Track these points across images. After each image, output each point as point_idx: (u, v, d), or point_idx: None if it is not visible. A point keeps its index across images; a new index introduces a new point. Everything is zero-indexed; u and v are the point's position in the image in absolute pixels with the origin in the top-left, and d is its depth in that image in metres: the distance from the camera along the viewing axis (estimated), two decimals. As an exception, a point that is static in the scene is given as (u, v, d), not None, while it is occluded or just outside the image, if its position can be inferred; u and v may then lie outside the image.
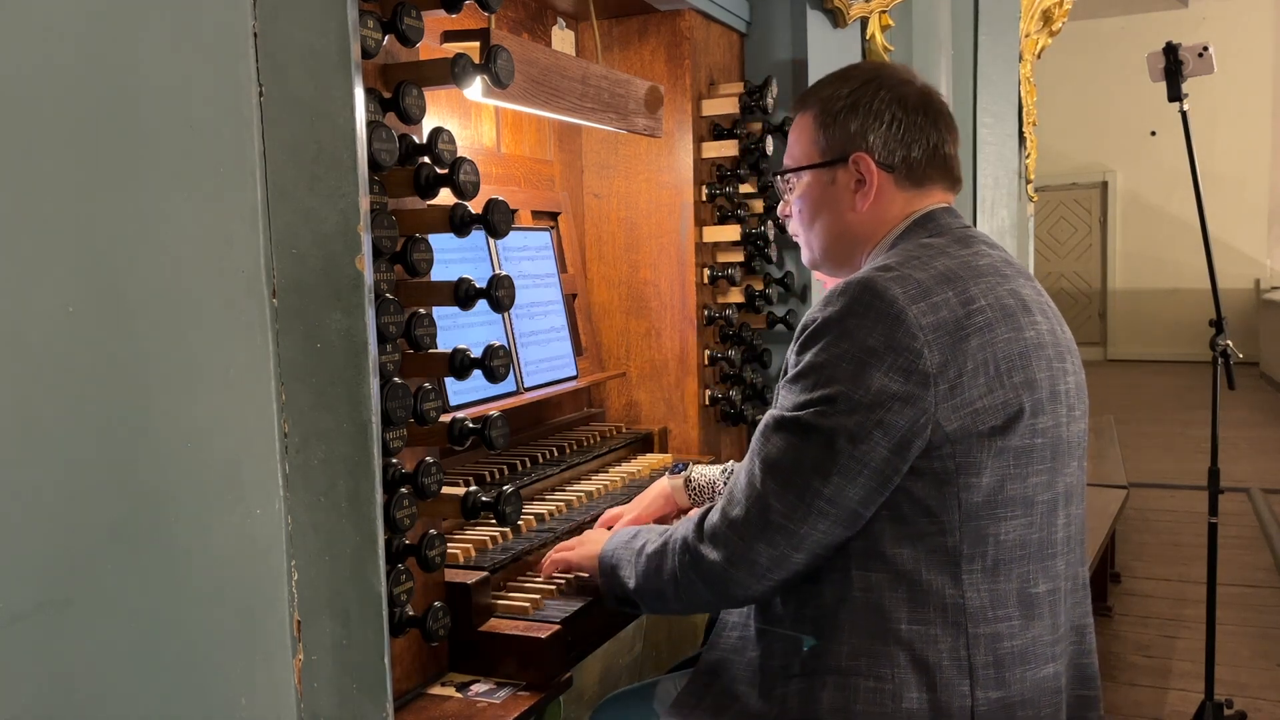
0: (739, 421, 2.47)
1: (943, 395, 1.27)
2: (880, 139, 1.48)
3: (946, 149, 1.51)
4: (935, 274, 1.34)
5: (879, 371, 1.27)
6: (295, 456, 1.09)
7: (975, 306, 1.32)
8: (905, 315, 1.28)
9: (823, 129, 1.52)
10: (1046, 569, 1.36)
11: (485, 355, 1.36)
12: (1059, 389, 1.37)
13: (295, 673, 1.11)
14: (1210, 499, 3.07)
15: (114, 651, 0.93)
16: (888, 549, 1.31)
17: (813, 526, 1.31)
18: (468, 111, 2.03)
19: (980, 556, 1.31)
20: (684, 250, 2.37)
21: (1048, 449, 1.35)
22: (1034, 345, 1.35)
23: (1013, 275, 1.41)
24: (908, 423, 1.27)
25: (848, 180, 1.51)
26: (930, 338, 1.28)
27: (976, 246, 1.43)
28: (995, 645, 1.31)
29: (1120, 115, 11.55)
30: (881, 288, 1.30)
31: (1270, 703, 3.39)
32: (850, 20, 2.70)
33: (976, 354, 1.29)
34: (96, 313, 0.90)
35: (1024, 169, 4.71)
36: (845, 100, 1.50)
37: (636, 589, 1.49)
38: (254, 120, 1.06)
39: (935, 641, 1.30)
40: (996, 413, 1.29)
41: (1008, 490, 1.31)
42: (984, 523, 1.30)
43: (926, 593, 1.30)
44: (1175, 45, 2.96)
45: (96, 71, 0.91)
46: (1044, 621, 1.35)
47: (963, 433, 1.28)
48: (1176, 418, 8.19)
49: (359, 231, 1.06)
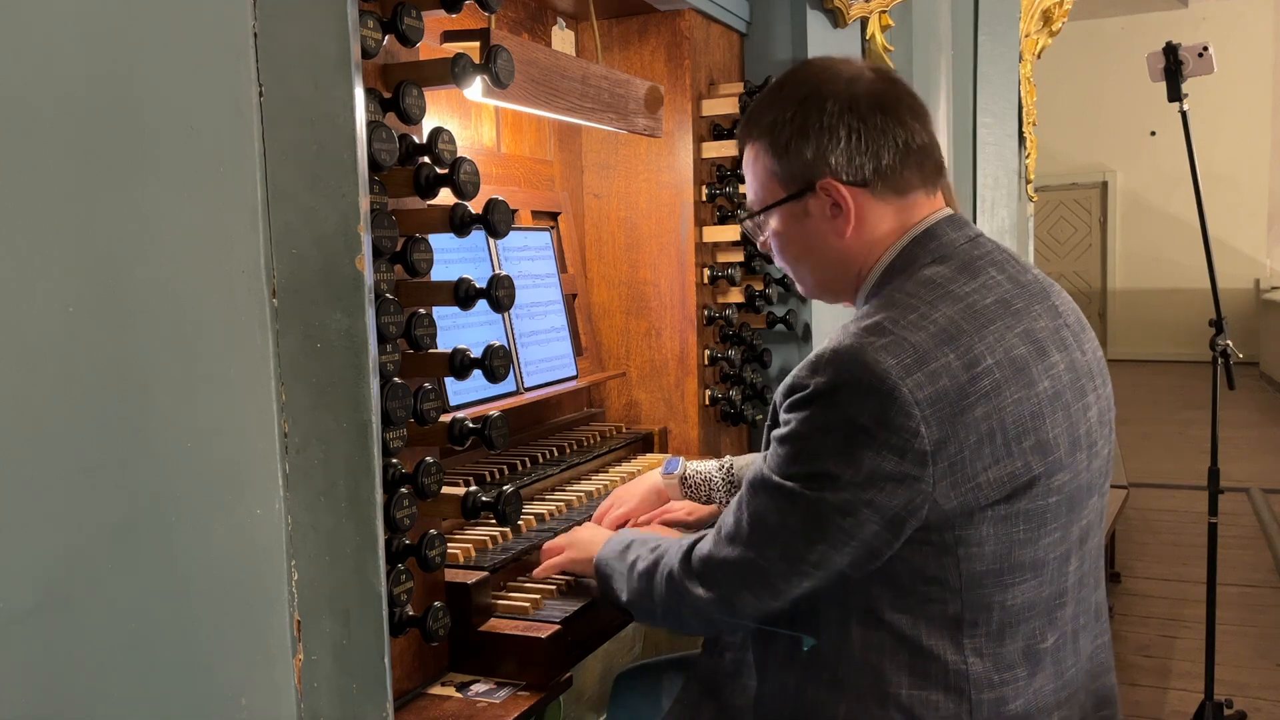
0: (739, 421, 2.47)
1: (941, 473, 1.18)
2: (843, 157, 1.33)
3: (917, 140, 1.35)
4: (934, 332, 1.21)
5: (870, 450, 1.18)
6: (295, 456, 1.09)
7: (981, 369, 1.20)
8: (898, 391, 1.17)
9: (777, 160, 1.37)
10: (1054, 620, 1.29)
11: (485, 355, 1.36)
12: (1079, 434, 1.27)
13: (295, 673, 1.10)
14: (1210, 499, 3.07)
15: (114, 651, 0.93)
16: (886, 614, 1.25)
17: (796, 585, 1.26)
18: (468, 111, 2.03)
19: (984, 623, 1.24)
20: (684, 250, 2.37)
21: (1064, 504, 1.26)
22: (1049, 398, 1.24)
23: (1024, 308, 1.28)
24: (901, 503, 1.19)
25: (821, 208, 1.36)
26: (928, 413, 1.17)
27: (984, 275, 1.29)
28: (999, 709, 1.25)
29: (1120, 115, 11.54)
30: (872, 360, 1.18)
31: (1270, 703, 3.39)
32: (850, 20, 2.70)
33: (981, 424, 1.19)
34: (96, 313, 0.90)
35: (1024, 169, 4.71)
36: (792, 125, 1.35)
37: (629, 603, 1.47)
38: (254, 120, 1.06)
39: (936, 708, 1.24)
40: (1003, 485, 1.20)
41: (1016, 556, 1.23)
42: (988, 591, 1.23)
43: (928, 658, 1.24)
44: (1175, 45, 2.96)
45: (97, 71, 0.91)
46: (1047, 672, 1.29)
47: (963, 509, 1.20)
48: (1176, 418, 8.18)
49: (359, 231, 1.06)
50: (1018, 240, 4.40)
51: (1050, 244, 12.30)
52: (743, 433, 2.64)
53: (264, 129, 1.06)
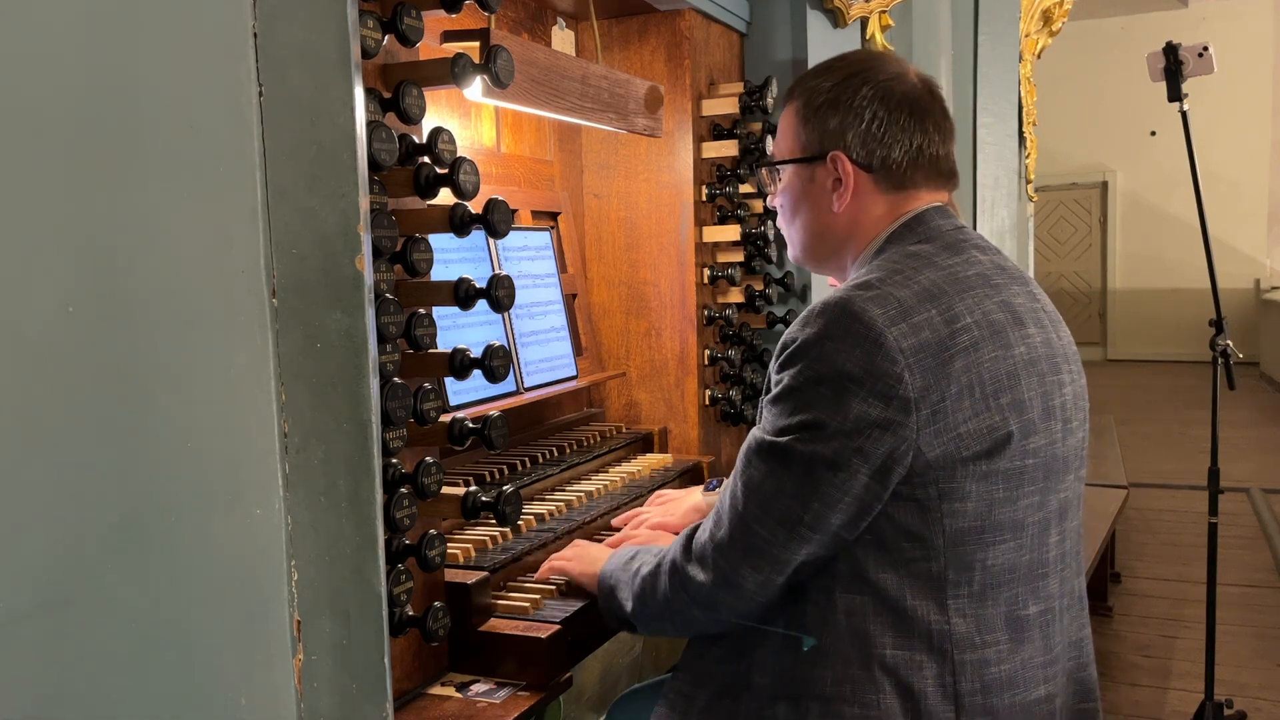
0: (739, 421, 2.47)
1: (924, 420, 1.23)
2: (859, 138, 1.42)
3: (933, 149, 1.44)
4: (918, 290, 1.29)
5: (857, 398, 1.23)
6: (295, 456, 1.09)
7: (960, 325, 1.27)
8: (884, 339, 1.23)
9: (804, 123, 1.47)
10: (1037, 590, 1.33)
11: (485, 355, 1.36)
12: (1053, 404, 1.33)
13: (295, 673, 1.10)
14: (1210, 499, 3.07)
15: (114, 651, 0.93)
16: (871, 574, 1.28)
17: (795, 552, 1.28)
18: (468, 111, 2.03)
19: (966, 583, 1.27)
20: (684, 250, 2.37)
21: (1040, 469, 1.31)
22: (1024, 362, 1.30)
23: (1004, 284, 1.36)
24: (888, 450, 1.23)
25: (825, 178, 1.46)
26: (911, 361, 1.23)
27: (966, 253, 1.38)
28: (982, 671, 1.28)
29: (1120, 115, 11.55)
30: (859, 309, 1.25)
31: (1270, 703, 3.39)
32: (850, 20, 2.70)
33: (961, 376, 1.25)
34: (96, 312, 0.90)
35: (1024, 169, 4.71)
36: (827, 94, 1.44)
37: (633, 612, 1.47)
38: (254, 120, 1.06)
39: (920, 668, 1.27)
40: (982, 437, 1.25)
41: (996, 515, 1.28)
42: (970, 549, 1.27)
43: (911, 619, 1.27)
44: (1175, 45, 2.96)
45: (96, 71, 0.91)
46: (1034, 644, 1.32)
47: (946, 459, 1.24)
48: (1176, 418, 8.19)
49: (359, 231, 1.06)
50: (1018, 240, 4.40)
51: (1050, 244, 12.30)
52: (743, 433, 2.64)
53: (264, 129, 1.06)
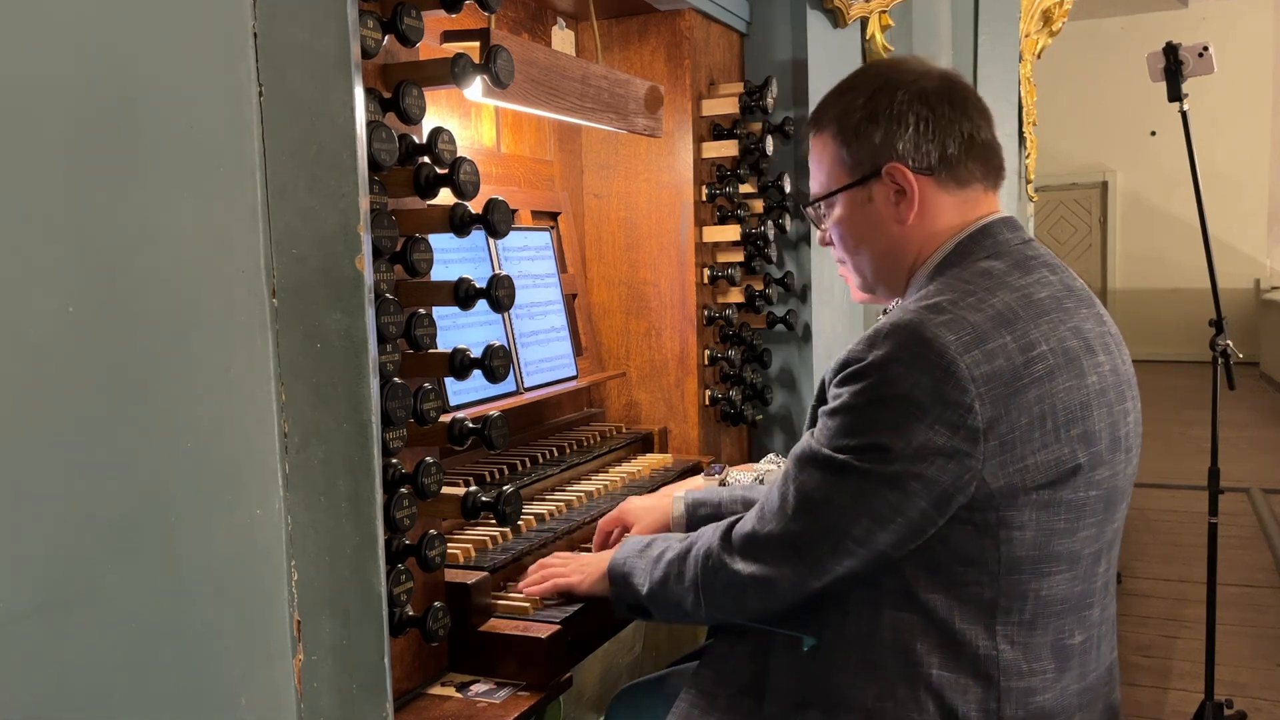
0: (739, 421, 2.47)
1: (992, 451, 1.20)
2: (910, 143, 1.37)
3: (982, 135, 1.41)
4: (992, 315, 1.24)
5: (923, 425, 1.20)
6: (295, 456, 1.09)
7: (1036, 353, 1.23)
8: (956, 367, 1.19)
9: (845, 146, 1.41)
10: (1083, 620, 1.31)
11: (485, 355, 1.36)
12: (1119, 434, 1.30)
13: (295, 673, 1.10)
14: (1210, 499, 3.07)
15: (114, 651, 0.93)
16: (921, 594, 1.26)
17: (837, 563, 1.27)
18: (468, 111, 2.03)
19: (1018, 610, 1.25)
20: (684, 250, 2.37)
21: (1101, 501, 1.29)
22: (1096, 392, 1.27)
23: (1074, 308, 1.32)
24: (951, 479, 1.20)
25: (885, 194, 1.39)
26: (983, 390, 1.19)
27: (1038, 273, 1.33)
28: (1027, 700, 1.26)
29: (1120, 115, 11.54)
30: (932, 335, 1.21)
31: (1270, 703, 3.39)
32: (850, 20, 2.70)
33: (1033, 407, 1.21)
34: (96, 313, 0.90)
35: (1024, 169, 4.71)
36: (862, 110, 1.39)
37: (650, 595, 1.45)
38: (254, 120, 1.06)
39: (965, 691, 1.25)
40: (1049, 469, 1.22)
41: (1054, 546, 1.25)
42: (1025, 578, 1.25)
43: (960, 642, 1.25)
44: (1175, 45, 2.96)
45: (96, 71, 0.91)
46: (1074, 672, 1.31)
47: (1009, 490, 1.21)
48: (1176, 418, 8.18)
49: (359, 231, 1.06)
50: (1018, 240, 4.39)
51: (1050, 244, 12.29)
52: (743, 432, 2.64)
53: (264, 129, 1.06)
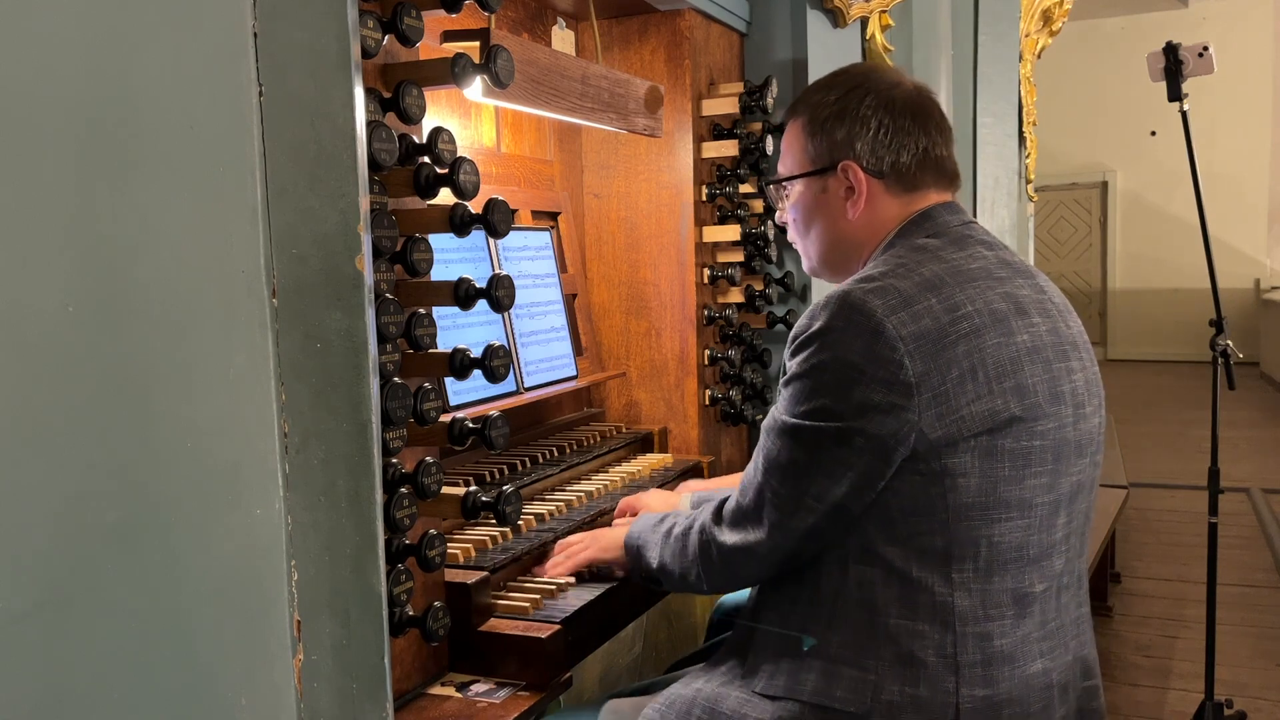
0: (739, 421, 2.47)
1: (926, 404, 1.29)
2: (867, 145, 1.49)
3: (937, 151, 1.51)
4: (919, 281, 1.35)
5: (860, 385, 1.30)
6: (295, 456, 1.09)
7: (961, 313, 1.33)
8: (884, 327, 1.30)
9: (811, 137, 1.54)
10: (1043, 569, 1.37)
11: (485, 355, 1.36)
12: (1061, 390, 1.37)
13: (295, 673, 1.10)
14: (1210, 499, 3.07)
15: (114, 652, 0.93)
16: (880, 547, 1.35)
17: (801, 521, 1.37)
18: (468, 111, 2.03)
19: (971, 558, 1.32)
20: (684, 250, 2.37)
21: (1048, 451, 1.35)
22: (1028, 350, 1.35)
23: (1009, 277, 1.41)
24: (890, 432, 1.29)
25: (838, 188, 1.52)
26: (911, 348, 1.29)
27: (971, 249, 1.43)
28: (984, 644, 1.33)
29: (1120, 115, 11.54)
30: (858, 300, 1.32)
31: (1270, 703, 3.39)
32: (850, 20, 2.70)
33: (962, 361, 1.30)
34: (96, 312, 0.90)
35: (1024, 169, 4.71)
36: (832, 107, 1.51)
37: (660, 567, 1.57)
38: (254, 120, 1.06)
39: (922, 637, 1.32)
40: (985, 419, 1.30)
41: (1001, 493, 1.32)
42: (974, 524, 1.31)
43: (917, 590, 1.33)
44: (1175, 45, 2.95)
45: (96, 71, 0.91)
46: (1034, 619, 1.36)
47: (948, 439, 1.30)
48: (1176, 418, 8.18)
49: (359, 231, 1.06)
50: (1018, 240, 4.40)
51: (1050, 244, 12.30)
52: (743, 433, 2.64)
53: (264, 129, 1.06)
